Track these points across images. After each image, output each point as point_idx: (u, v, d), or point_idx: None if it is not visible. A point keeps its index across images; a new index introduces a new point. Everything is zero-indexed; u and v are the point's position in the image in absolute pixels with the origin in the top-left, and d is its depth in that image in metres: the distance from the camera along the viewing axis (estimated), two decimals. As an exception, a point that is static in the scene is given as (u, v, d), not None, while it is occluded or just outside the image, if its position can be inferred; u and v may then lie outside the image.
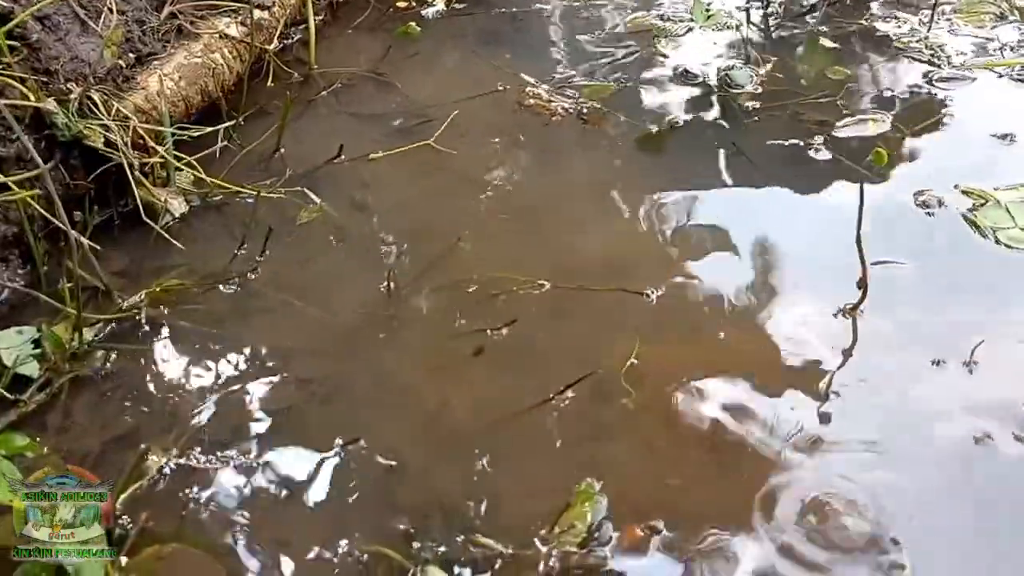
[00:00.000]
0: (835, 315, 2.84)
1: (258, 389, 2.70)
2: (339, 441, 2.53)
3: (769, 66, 4.04)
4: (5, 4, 2.96)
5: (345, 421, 2.60)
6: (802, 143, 3.59)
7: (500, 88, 3.94)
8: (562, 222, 3.27)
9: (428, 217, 3.29)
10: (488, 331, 2.83)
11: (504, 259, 3.09)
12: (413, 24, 4.40)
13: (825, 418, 2.53)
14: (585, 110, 3.80)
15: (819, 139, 3.58)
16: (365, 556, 2.27)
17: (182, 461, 2.48)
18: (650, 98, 3.88)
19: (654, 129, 3.70)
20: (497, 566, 2.22)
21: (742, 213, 3.28)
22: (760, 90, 3.88)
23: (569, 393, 2.63)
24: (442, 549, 2.26)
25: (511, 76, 4.00)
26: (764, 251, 3.10)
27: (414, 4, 4.63)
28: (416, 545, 2.27)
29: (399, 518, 2.35)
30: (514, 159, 3.56)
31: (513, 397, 2.64)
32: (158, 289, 2.95)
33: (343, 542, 2.30)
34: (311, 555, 2.29)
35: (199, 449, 2.52)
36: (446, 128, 3.65)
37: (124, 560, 2.16)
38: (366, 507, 2.39)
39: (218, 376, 2.74)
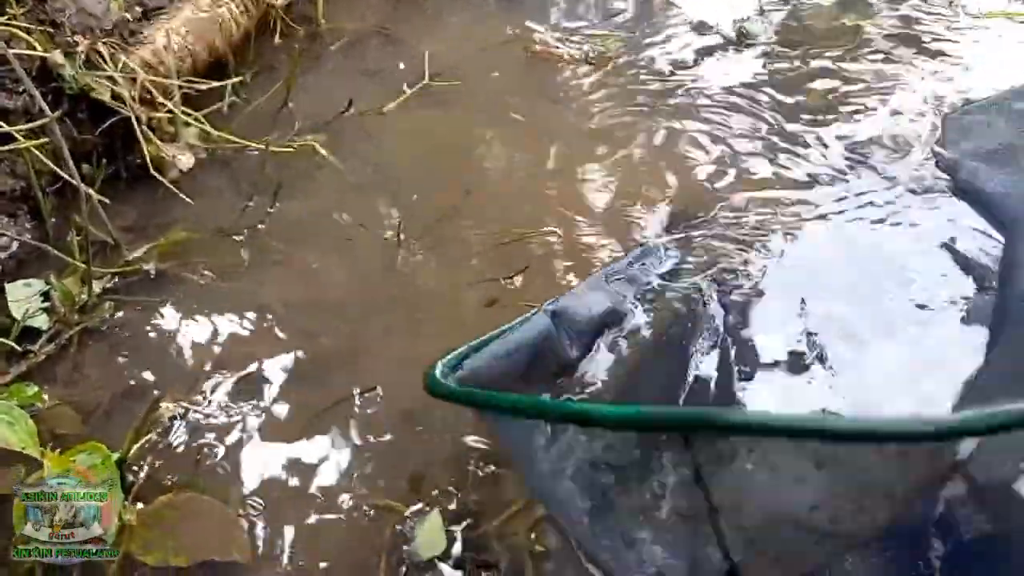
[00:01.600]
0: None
1: (267, 341, 2.69)
2: (356, 391, 2.52)
3: (783, 15, 3.98)
4: (10, -46, 2.93)
5: (356, 373, 2.59)
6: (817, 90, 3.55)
7: (510, 37, 3.89)
8: (571, 169, 3.24)
9: (437, 168, 3.27)
10: (501, 279, 2.81)
11: (514, 208, 3.08)
12: (422, -21, 4.36)
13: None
14: (594, 57, 3.75)
15: (834, 86, 3.55)
16: (373, 511, 2.27)
17: (193, 411, 2.47)
18: (664, 47, 3.82)
19: (668, 77, 3.65)
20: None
21: (756, 161, 3.24)
22: (774, 39, 3.82)
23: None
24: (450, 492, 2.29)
25: (521, 26, 3.94)
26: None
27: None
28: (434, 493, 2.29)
29: (410, 467, 2.36)
30: (524, 108, 3.51)
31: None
32: (165, 242, 2.93)
33: (355, 491, 2.31)
34: (322, 504, 2.29)
35: (209, 399, 2.51)
36: (454, 80, 3.63)
37: (138, 506, 2.15)
38: (378, 456, 2.39)
39: (227, 328, 2.73)
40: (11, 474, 2.14)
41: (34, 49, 2.89)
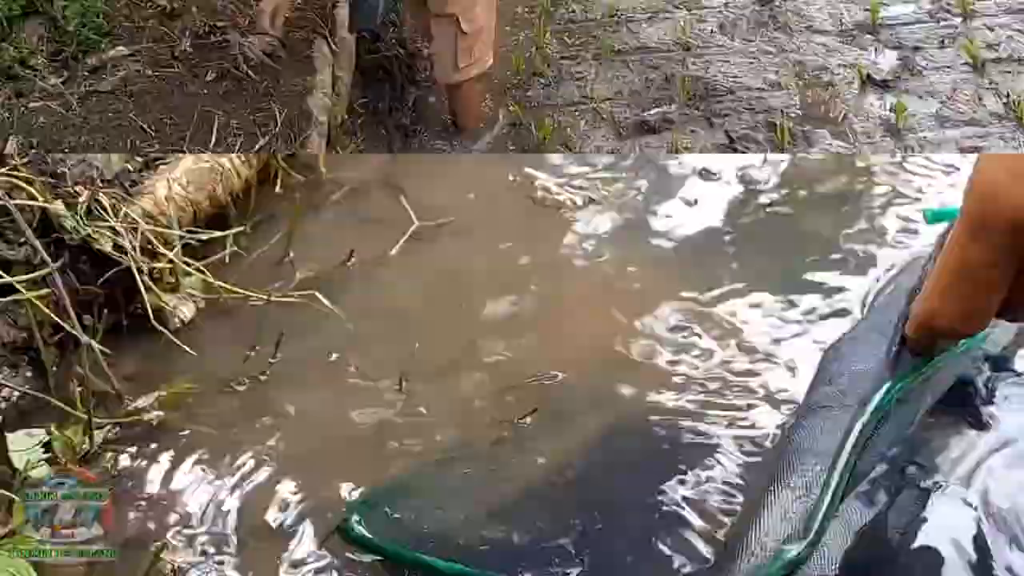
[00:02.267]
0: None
1: (271, 494, 2.63)
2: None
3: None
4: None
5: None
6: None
7: (511, 184, 3.89)
8: (574, 313, 3.29)
9: (441, 316, 3.26)
10: (515, 420, 2.80)
11: (519, 355, 3.08)
12: (422, 128, 4.38)
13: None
14: (597, 201, 3.76)
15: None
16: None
17: (195, 565, 2.41)
18: (668, 194, 3.82)
19: (671, 220, 3.68)
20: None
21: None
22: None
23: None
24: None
25: (522, 173, 3.93)
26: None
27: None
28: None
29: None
30: (527, 254, 3.54)
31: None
32: (168, 393, 2.91)
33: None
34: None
35: (212, 552, 2.45)
36: (457, 228, 3.64)
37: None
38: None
39: (230, 479, 2.68)
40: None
41: (35, 199, 2.90)
